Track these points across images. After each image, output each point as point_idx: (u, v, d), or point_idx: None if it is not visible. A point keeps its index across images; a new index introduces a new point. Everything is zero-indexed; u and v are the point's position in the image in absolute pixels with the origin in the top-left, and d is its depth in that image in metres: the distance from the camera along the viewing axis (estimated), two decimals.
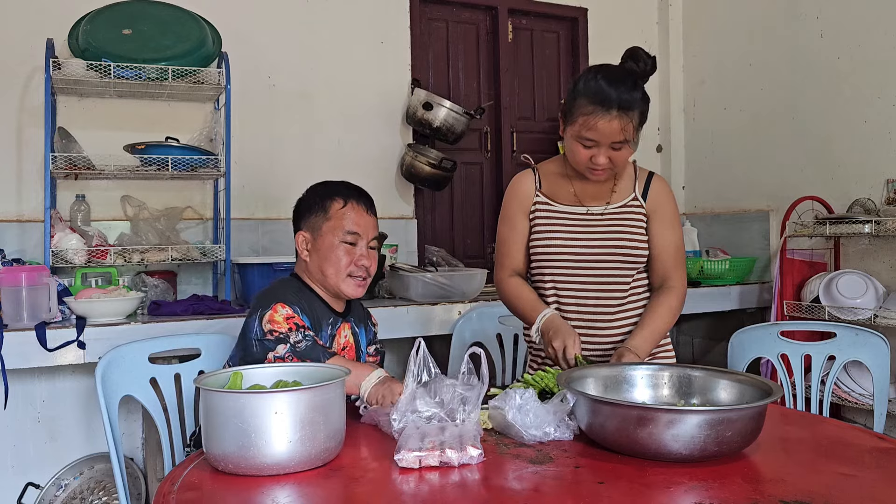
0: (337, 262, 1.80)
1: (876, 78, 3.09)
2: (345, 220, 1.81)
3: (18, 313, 2.32)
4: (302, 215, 1.87)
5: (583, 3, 4.02)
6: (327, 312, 1.84)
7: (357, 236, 1.82)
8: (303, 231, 1.85)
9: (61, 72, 2.64)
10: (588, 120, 1.69)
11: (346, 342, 1.88)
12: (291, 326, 1.69)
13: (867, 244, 3.13)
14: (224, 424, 1.24)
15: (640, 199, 1.86)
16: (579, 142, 1.73)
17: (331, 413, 1.28)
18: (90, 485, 2.78)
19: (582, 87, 1.72)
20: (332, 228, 1.81)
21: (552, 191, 1.89)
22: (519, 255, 1.91)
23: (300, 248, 1.85)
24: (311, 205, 1.86)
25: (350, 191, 1.86)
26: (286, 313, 1.70)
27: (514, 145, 3.87)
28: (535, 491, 1.14)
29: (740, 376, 1.46)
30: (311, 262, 1.83)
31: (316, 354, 1.65)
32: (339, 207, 1.82)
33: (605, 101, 1.67)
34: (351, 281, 1.82)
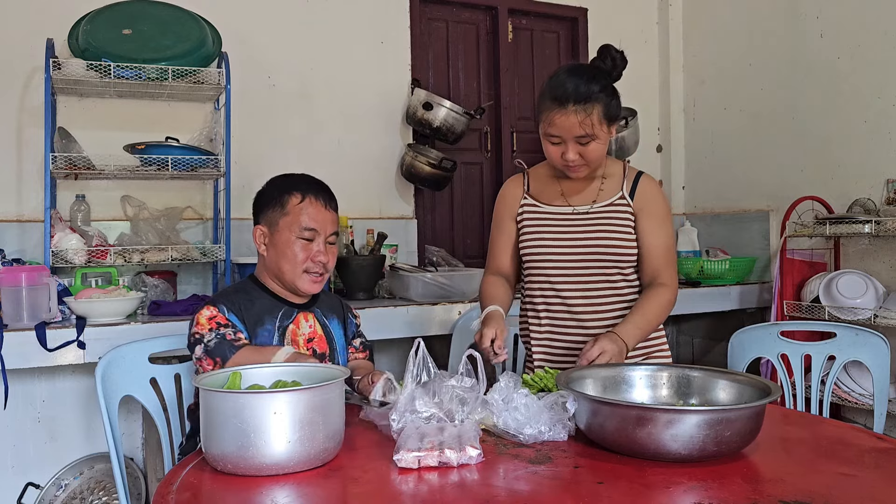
0: (293, 258, 1.76)
1: (876, 78, 3.09)
2: (302, 215, 1.77)
3: (18, 313, 2.32)
4: (260, 209, 1.83)
5: (583, 3, 4.02)
6: (276, 305, 1.81)
7: (314, 232, 1.78)
8: (260, 225, 1.82)
9: (61, 72, 2.64)
10: (548, 116, 1.73)
11: (311, 332, 1.84)
12: (212, 326, 1.69)
13: (867, 244, 3.13)
14: (223, 424, 1.24)
15: (628, 198, 1.86)
16: (547, 139, 1.77)
17: (330, 413, 1.28)
18: (90, 485, 2.78)
19: (546, 85, 1.76)
20: (289, 224, 1.77)
21: (540, 192, 1.92)
22: (504, 258, 1.96)
23: (257, 242, 1.82)
24: (269, 199, 1.81)
25: (309, 185, 1.82)
26: (209, 314, 1.71)
27: (514, 145, 3.87)
28: (535, 491, 1.14)
29: (739, 376, 1.47)
30: (268, 257, 1.80)
31: (222, 350, 1.65)
32: (296, 202, 1.78)
33: (560, 96, 1.70)
34: (307, 277, 1.78)
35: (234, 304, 1.76)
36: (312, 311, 1.86)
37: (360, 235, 3.37)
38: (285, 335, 1.79)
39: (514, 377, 1.41)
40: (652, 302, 1.80)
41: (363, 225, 3.39)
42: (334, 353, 1.88)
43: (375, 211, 3.50)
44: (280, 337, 1.78)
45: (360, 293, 2.98)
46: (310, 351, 1.82)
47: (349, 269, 2.98)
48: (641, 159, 3.88)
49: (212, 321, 1.71)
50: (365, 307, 2.74)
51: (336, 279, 3.10)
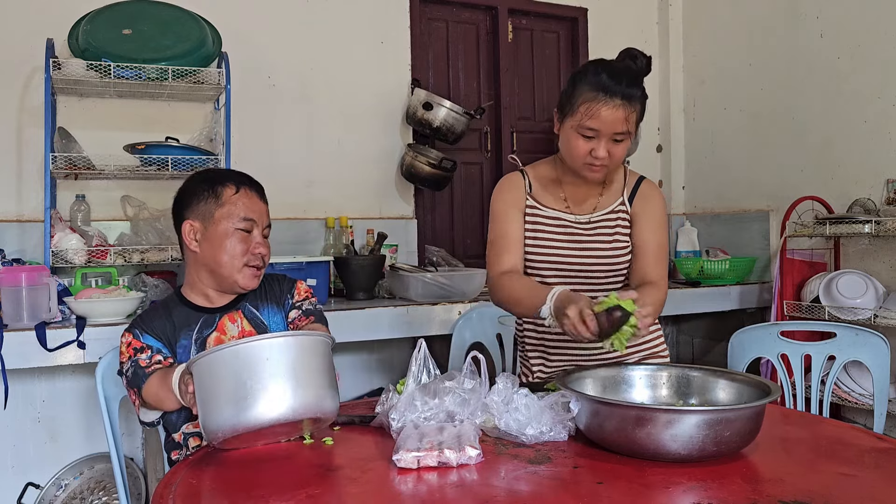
0: (232, 250, 1.69)
1: (876, 78, 3.09)
2: (239, 205, 1.71)
3: (18, 313, 2.32)
4: (187, 204, 1.74)
5: (583, 3, 4.02)
6: (193, 317, 1.73)
7: (252, 223, 1.72)
8: (190, 220, 1.72)
9: (61, 72, 2.64)
10: (591, 107, 1.65)
11: (240, 333, 1.75)
12: (130, 353, 1.65)
13: (867, 244, 3.13)
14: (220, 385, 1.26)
15: (627, 205, 1.85)
16: (580, 133, 1.68)
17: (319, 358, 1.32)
18: (90, 485, 2.78)
19: (584, 77, 1.69)
20: (227, 215, 1.70)
21: (541, 195, 1.88)
22: (517, 252, 1.83)
23: (187, 238, 1.72)
24: (199, 192, 1.73)
25: (241, 177, 1.77)
26: (127, 340, 1.67)
27: (514, 145, 3.86)
28: (534, 491, 1.14)
29: (739, 376, 1.46)
30: (201, 253, 1.71)
31: (137, 380, 1.61)
32: (231, 193, 1.72)
33: (608, 88, 1.64)
34: (247, 271, 1.72)
35: (149, 324, 1.69)
36: (239, 308, 1.77)
37: (360, 235, 3.37)
38: (206, 346, 1.70)
39: (511, 378, 1.41)
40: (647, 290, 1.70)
41: (363, 225, 3.39)
42: None
43: (375, 211, 3.50)
44: (199, 349, 1.69)
45: (360, 293, 2.98)
46: None
47: (349, 269, 2.98)
48: (641, 159, 3.88)
49: (129, 348, 1.66)
50: (365, 307, 2.74)
51: (336, 279, 3.10)
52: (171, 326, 1.70)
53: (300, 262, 2.79)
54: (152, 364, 1.63)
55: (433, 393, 1.39)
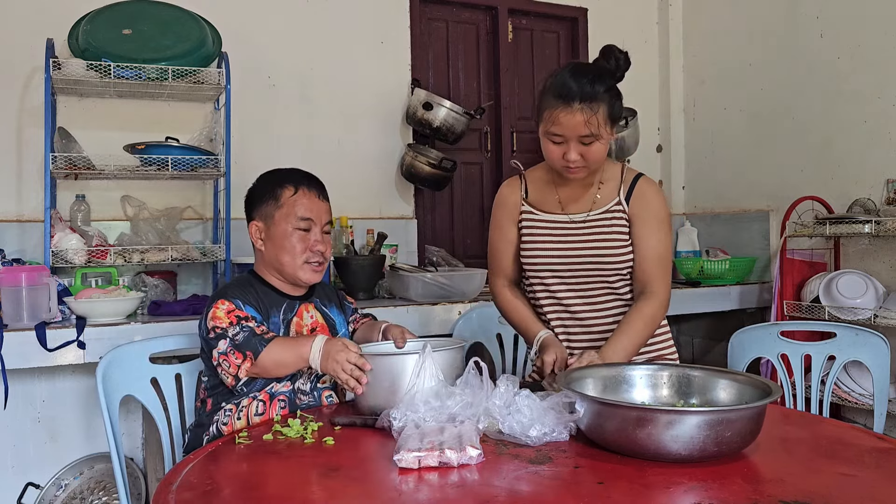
0: (292, 249, 1.79)
1: (876, 78, 3.09)
2: (297, 206, 1.80)
3: (18, 313, 2.32)
4: (254, 205, 1.86)
5: (583, 3, 4.02)
6: (279, 299, 1.84)
7: (310, 222, 1.81)
8: (255, 221, 1.85)
9: (61, 72, 2.64)
10: (552, 114, 1.68)
11: (313, 322, 1.87)
12: (232, 320, 1.69)
13: (867, 244, 3.13)
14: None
15: (624, 203, 1.83)
16: (549, 138, 1.72)
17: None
18: (90, 485, 2.78)
19: (548, 84, 1.72)
20: (285, 216, 1.80)
21: (537, 199, 1.89)
22: (509, 262, 1.94)
23: (254, 238, 1.85)
24: (262, 194, 1.84)
25: (301, 177, 1.85)
26: (227, 307, 1.71)
27: (514, 145, 3.87)
28: (535, 491, 1.14)
29: (739, 376, 1.46)
30: (266, 252, 1.83)
31: (254, 344, 1.66)
32: (290, 195, 1.81)
33: (566, 94, 1.66)
34: (307, 267, 1.81)
35: (245, 297, 1.77)
36: (312, 301, 1.90)
37: (360, 235, 3.37)
38: (290, 327, 1.83)
39: (512, 379, 1.41)
40: (637, 321, 1.75)
41: (363, 225, 3.39)
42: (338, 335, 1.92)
43: (375, 211, 3.50)
44: (286, 329, 1.81)
45: (360, 293, 2.98)
46: None
47: (349, 269, 2.98)
48: (641, 159, 3.88)
49: (231, 315, 1.71)
50: (365, 307, 2.73)
51: (336, 279, 3.10)
52: (262, 303, 1.80)
53: None
54: (266, 332, 1.70)
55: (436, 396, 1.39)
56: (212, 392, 1.78)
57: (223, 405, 1.75)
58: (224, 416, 1.74)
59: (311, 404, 1.78)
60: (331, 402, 1.81)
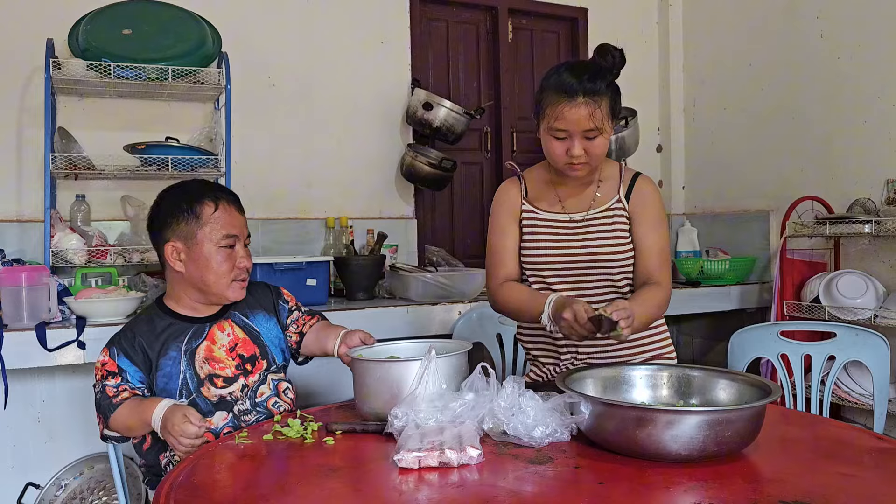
0: (218, 269, 1.71)
1: (876, 78, 3.09)
2: (220, 223, 1.72)
3: (18, 313, 2.32)
4: (166, 223, 1.73)
5: (583, 3, 4.02)
6: (183, 328, 1.74)
7: (235, 239, 1.74)
8: (172, 241, 1.72)
9: (61, 72, 2.64)
10: (555, 109, 1.69)
11: (231, 340, 1.77)
12: (102, 374, 1.66)
13: (867, 244, 3.13)
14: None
15: (624, 202, 1.85)
16: (552, 135, 1.72)
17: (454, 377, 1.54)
18: (90, 485, 2.78)
19: (547, 81, 1.73)
20: (208, 234, 1.71)
21: (537, 198, 1.89)
22: (512, 263, 1.89)
23: (171, 260, 1.72)
24: (176, 211, 1.72)
25: (218, 191, 1.77)
26: (102, 359, 1.68)
27: (514, 145, 3.87)
28: (535, 491, 1.14)
29: (739, 376, 1.46)
30: (187, 273, 1.72)
31: (104, 408, 1.64)
32: (211, 211, 1.72)
33: (569, 88, 1.67)
34: (236, 285, 1.75)
35: (131, 341, 1.69)
36: (228, 317, 1.79)
37: (360, 235, 3.37)
38: (195, 356, 1.72)
39: (518, 381, 1.41)
40: (647, 295, 1.75)
41: (363, 225, 3.39)
42: (265, 348, 1.81)
43: (375, 211, 3.50)
44: (188, 361, 1.71)
45: (360, 293, 2.98)
46: (237, 359, 1.76)
47: (349, 269, 2.98)
48: (641, 159, 3.88)
49: (102, 368, 1.67)
50: (365, 307, 2.74)
51: (336, 279, 3.10)
52: (158, 341, 1.71)
53: (300, 262, 2.79)
54: (119, 393, 1.64)
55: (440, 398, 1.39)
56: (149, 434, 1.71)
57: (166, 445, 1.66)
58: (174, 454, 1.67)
59: (261, 419, 1.72)
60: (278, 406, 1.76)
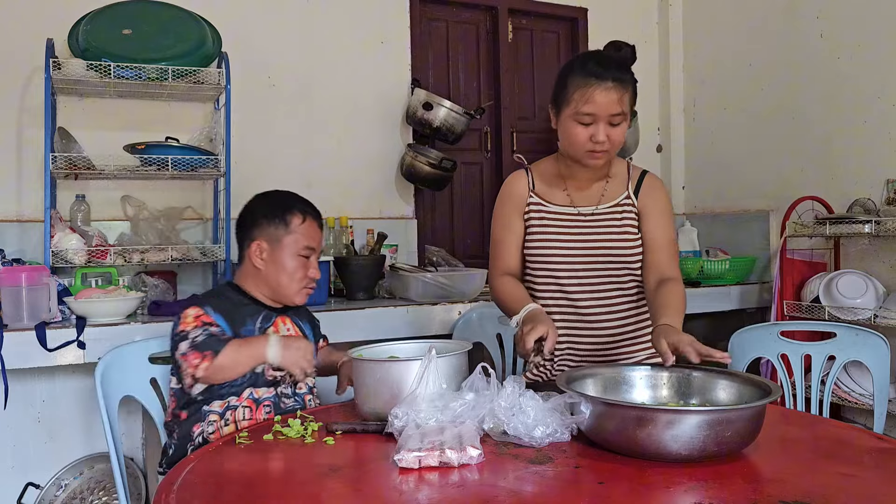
0: (293, 274, 1.87)
1: (876, 78, 3.09)
2: (304, 235, 1.89)
3: (18, 313, 2.32)
4: (257, 224, 1.90)
5: (583, 3, 4.02)
6: (257, 309, 1.88)
7: (312, 251, 1.90)
8: (259, 240, 1.88)
9: (61, 72, 2.64)
10: (585, 92, 1.69)
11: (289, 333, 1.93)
12: (197, 324, 1.74)
13: (867, 244, 3.13)
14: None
15: (633, 198, 1.86)
16: (577, 120, 1.72)
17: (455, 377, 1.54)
18: (90, 485, 2.78)
19: (573, 68, 1.74)
20: (293, 242, 1.87)
21: (545, 191, 1.90)
22: (513, 256, 1.91)
23: (254, 256, 1.88)
24: (268, 215, 1.89)
25: (306, 206, 1.94)
26: (195, 313, 1.76)
27: (514, 145, 3.86)
28: (536, 491, 1.14)
29: (739, 376, 1.46)
30: (265, 271, 1.87)
31: (212, 344, 1.70)
32: (299, 222, 1.89)
33: (599, 72, 1.69)
34: (303, 292, 1.91)
35: (217, 305, 1.81)
36: (288, 315, 1.95)
37: (360, 235, 3.37)
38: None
39: (519, 381, 1.41)
40: (677, 298, 1.72)
41: (363, 225, 3.39)
42: None
43: (375, 211, 3.50)
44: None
45: (360, 293, 2.98)
46: None
47: (349, 269, 2.98)
48: (641, 159, 3.87)
49: (197, 319, 1.75)
50: (365, 307, 2.74)
51: (336, 279, 3.10)
52: (237, 311, 1.85)
53: None
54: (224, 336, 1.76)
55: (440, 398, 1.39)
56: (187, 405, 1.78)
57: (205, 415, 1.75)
58: (209, 426, 1.74)
59: (296, 407, 1.81)
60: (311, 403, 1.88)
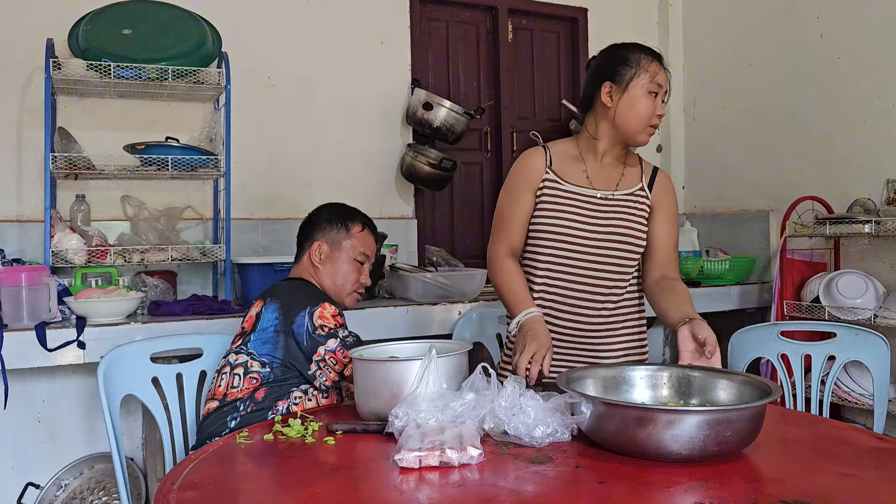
0: (347, 277, 2.00)
1: (876, 78, 3.09)
2: (362, 242, 2.03)
3: (18, 313, 2.32)
4: (321, 226, 2.03)
5: (583, 3, 4.02)
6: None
7: (367, 258, 2.04)
8: (320, 241, 2.00)
9: (61, 72, 2.64)
10: (650, 67, 1.80)
11: None
12: (338, 323, 1.83)
13: (867, 244, 3.13)
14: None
15: (647, 190, 1.90)
16: (648, 91, 1.80)
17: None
18: (90, 485, 2.78)
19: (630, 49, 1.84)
20: (352, 247, 2.01)
21: (563, 170, 1.89)
22: (517, 231, 1.89)
23: (314, 255, 2.00)
24: (333, 219, 2.03)
25: (367, 219, 2.09)
26: (333, 311, 1.85)
27: (514, 145, 3.87)
28: (536, 491, 1.14)
29: (739, 376, 1.47)
30: (322, 271, 1.99)
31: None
32: (359, 230, 2.04)
33: (655, 53, 1.84)
34: (354, 296, 2.04)
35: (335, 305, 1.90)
36: None
37: None
38: None
39: (519, 381, 1.41)
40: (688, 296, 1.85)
41: None
42: None
43: (375, 211, 3.49)
44: None
45: None
46: None
47: None
48: None
49: (336, 318, 1.84)
50: (365, 307, 2.74)
51: None
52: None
53: None
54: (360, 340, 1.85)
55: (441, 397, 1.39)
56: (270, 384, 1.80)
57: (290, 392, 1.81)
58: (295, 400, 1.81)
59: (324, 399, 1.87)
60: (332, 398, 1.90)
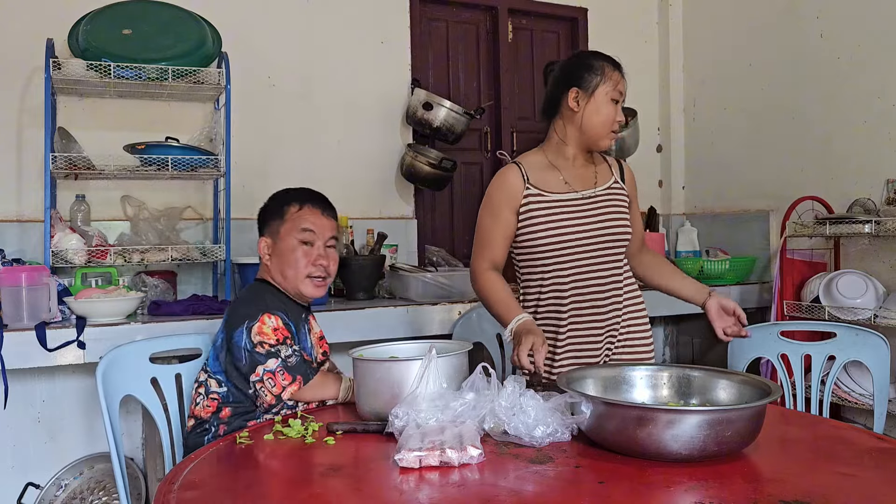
0: (295, 263, 1.84)
1: (876, 78, 3.09)
2: (299, 220, 1.87)
3: (18, 313, 2.32)
4: (264, 222, 1.93)
5: (583, 3, 4.02)
6: (297, 309, 1.89)
7: (312, 234, 1.86)
8: (264, 237, 1.91)
9: (61, 72, 2.64)
10: (614, 77, 1.87)
11: (318, 333, 1.96)
12: (279, 338, 1.73)
13: (867, 244, 3.13)
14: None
15: (621, 182, 1.98)
16: (612, 99, 1.87)
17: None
18: (90, 485, 2.78)
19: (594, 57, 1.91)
20: (289, 230, 1.86)
21: (541, 181, 1.92)
22: (499, 248, 1.91)
23: (262, 253, 1.90)
24: (271, 211, 1.92)
25: (307, 194, 1.93)
26: (273, 324, 1.74)
27: (514, 145, 3.86)
28: (536, 491, 1.14)
29: (739, 376, 1.47)
30: (272, 266, 1.88)
31: (305, 370, 1.71)
32: (295, 210, 1.88)
33: (618, 64, 1.90)
34: (309, 282, 1.86)
35: (285, 311, 1.82)
36: (312, 313, 1.97)
37: (360, 235, 3.37)
38: (310, 335, 1.91)
39: (519, 381, 1.41)
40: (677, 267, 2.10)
41: (363, 225, 3.38)
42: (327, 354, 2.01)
43: (375, 211, 3.50)
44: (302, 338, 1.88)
45: (360, 293, 2.98)
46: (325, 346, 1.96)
47: (349, 269, 2.98)
48: (641, 159, 3.87)
49: (277, 332, 1.75)
50: (365, 307, 2.74)
51: (336, 279, 3.09)
52: (292, 312, 1.85)
53: None
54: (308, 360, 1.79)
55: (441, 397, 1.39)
56: (231, 404, 1.78)
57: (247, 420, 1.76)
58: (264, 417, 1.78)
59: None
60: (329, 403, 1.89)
